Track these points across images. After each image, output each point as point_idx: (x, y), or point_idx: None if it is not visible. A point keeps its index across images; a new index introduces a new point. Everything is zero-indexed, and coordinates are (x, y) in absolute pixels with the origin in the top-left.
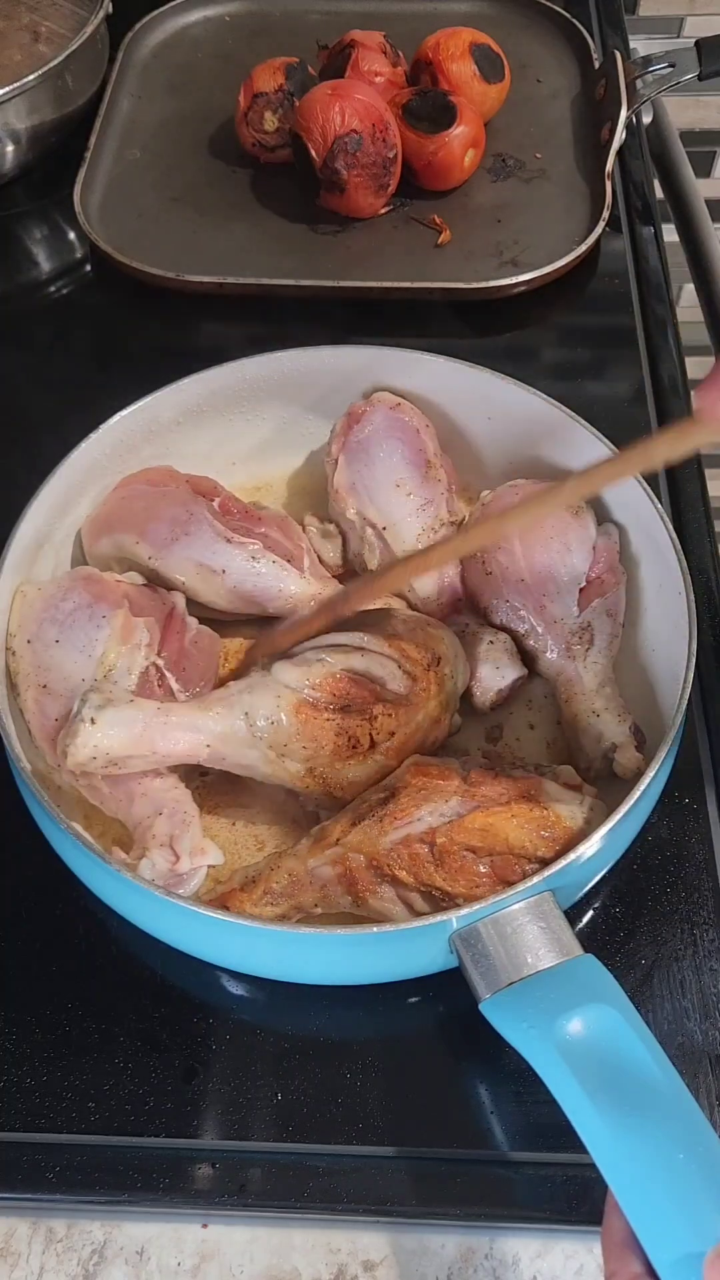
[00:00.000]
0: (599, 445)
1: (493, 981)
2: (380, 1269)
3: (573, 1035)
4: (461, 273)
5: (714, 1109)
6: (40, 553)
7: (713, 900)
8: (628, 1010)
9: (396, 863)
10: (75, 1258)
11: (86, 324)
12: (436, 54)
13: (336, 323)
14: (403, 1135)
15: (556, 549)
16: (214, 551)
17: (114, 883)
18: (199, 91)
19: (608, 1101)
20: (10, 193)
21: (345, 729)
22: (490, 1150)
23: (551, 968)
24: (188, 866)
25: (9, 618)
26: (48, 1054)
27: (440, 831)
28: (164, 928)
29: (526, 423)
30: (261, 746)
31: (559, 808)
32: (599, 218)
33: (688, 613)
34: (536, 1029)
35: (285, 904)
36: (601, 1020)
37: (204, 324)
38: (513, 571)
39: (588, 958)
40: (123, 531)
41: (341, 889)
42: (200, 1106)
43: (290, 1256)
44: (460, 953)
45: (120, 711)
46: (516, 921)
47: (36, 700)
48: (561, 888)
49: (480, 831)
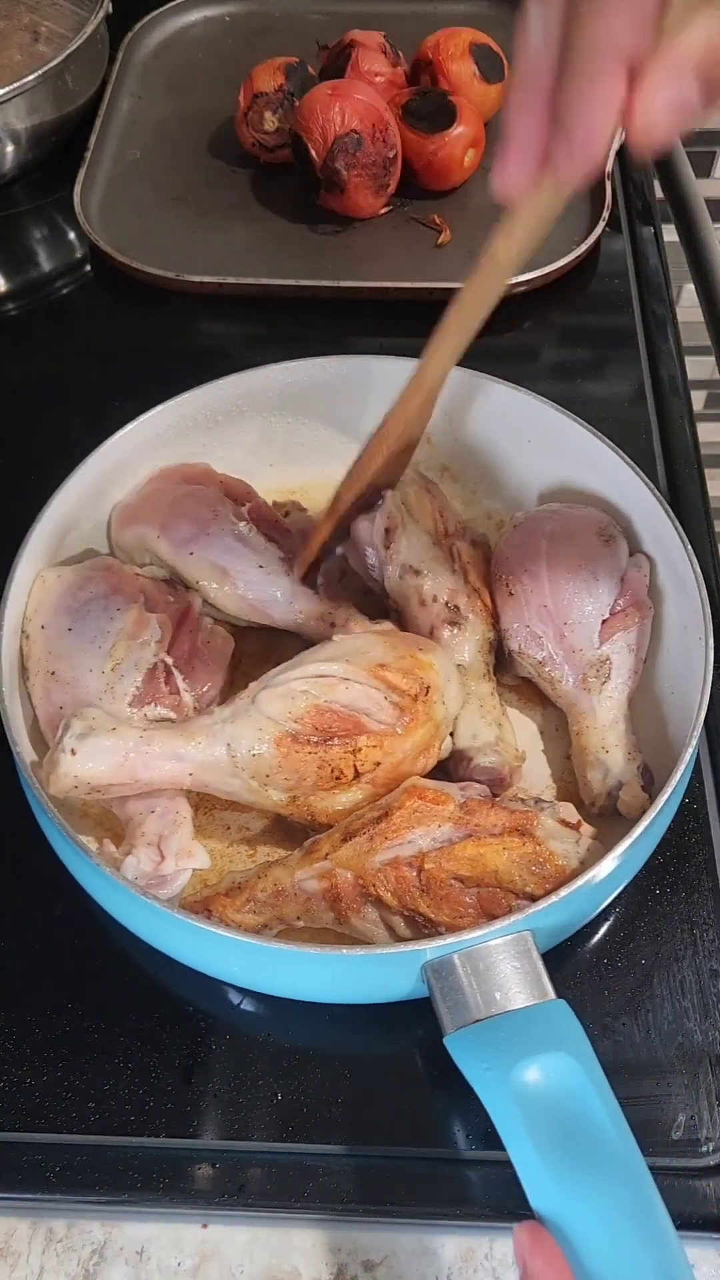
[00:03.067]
0: (629, 471)
1: (459, 1016)
2: (380, 1269)
3: (530, 1082)
4: (461, 273)
5: (714, 1109)
6: (66, 540)
7: (713, 900)
8: (590, 1063)
9: (383, 884)
10: (75, 1258)
11: (86, 324)
12: (436, 54)
13: (336, 323)
14: (403, 1135)
15: (584, 577)
16: (230, 556)
17: (96, 878)
18: (199, 91)
19: (555, 1155)
20: (10, 193)
21: (328, 761)
22: (491, 1151)
23: (520, 1009)
24: (172, 868)
25: (27, 602)
26: (48, 1054)
27: (429, 857)
28: (142, 927)
29: (563, 448)
30: (244, 776)
31: (553, 844)
32: (599, 218)
33: (705, 658)
34: (494, 1071)
35: (268, 914)
36: (562, 1070)
37: (204, 324)
38: (536, 595)
39: (559, 1003)
40: (146, 524)
41: (325, 905)
42: (200, 1106)
43: (290, 1256)
44: (431, 983)
45: (102, 740)
46: (491, 958)
47: (44, 687)
48: (542, 929)
49: (469, 861)
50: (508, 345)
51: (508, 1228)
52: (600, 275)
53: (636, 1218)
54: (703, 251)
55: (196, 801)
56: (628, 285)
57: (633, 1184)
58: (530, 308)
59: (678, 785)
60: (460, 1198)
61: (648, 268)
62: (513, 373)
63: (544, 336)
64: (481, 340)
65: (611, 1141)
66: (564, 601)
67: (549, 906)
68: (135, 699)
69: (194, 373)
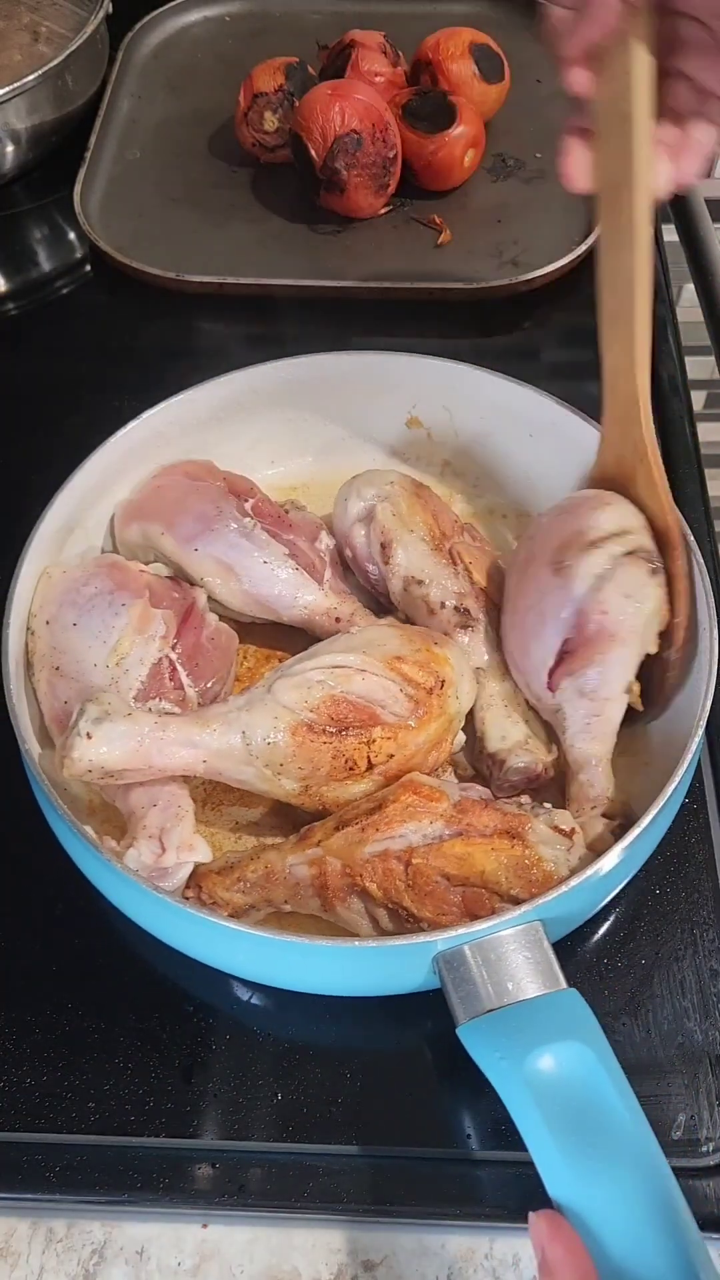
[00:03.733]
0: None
1: (471, 1007)
2: (380, 1269)
3: (544, 1071)
4: (461, 273)
5: (714, 1109)
6: (71, 537)
7: (713, 900)
8: (604, 1051)
9: (370, 875)
10: (75, 1258)
11: (86, 324)
12: (436, 54)
13: (336, 323)
14: (403, 1135)
15: (531, 620)
16: (235, 552)
17: (100, 869)
18: (199, 91)
19: (572, 1143)
20: (10, 193)
21: (342, 751)
22: (492, 1150)
23: (532, 999)
24: (173, 861)
25: (33, 599)
26: (48, 1054)
27: (418, 853)
28: (149, 920)
29: (565, 442)
30: (258, 765)
31: (544, 850)
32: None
33: (711, 658)
34: (509, 1060)
35: (256, 895)
36: (575, 1058)
37: (203, 324)
38: (508, 641)
39: (571, 992)
40: (151, 521)
41: (312, 891)
42: (200, 1106)
43: (290, 1256)
44: (443, 974)
45: (117, 725)
46: (502, 948)
47: (49, 682)
48: (551, 919)
49: (457, 859)
50: (508, 345)
51: (508, 1227)
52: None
53: (654, 1205)
54: (703, 251)
55: (204, 796)
56: None
57: (650, 1171)
58: (530, 308)
59: (683, 778)
60: (460, 1197)
61: None
62: (513, 372)
63: (544, 336)
64: (482, 340)
65: (627, 1129)
66: (518, 649)
67: (559, 896)
68: (139, 694)
69: (194, 373)
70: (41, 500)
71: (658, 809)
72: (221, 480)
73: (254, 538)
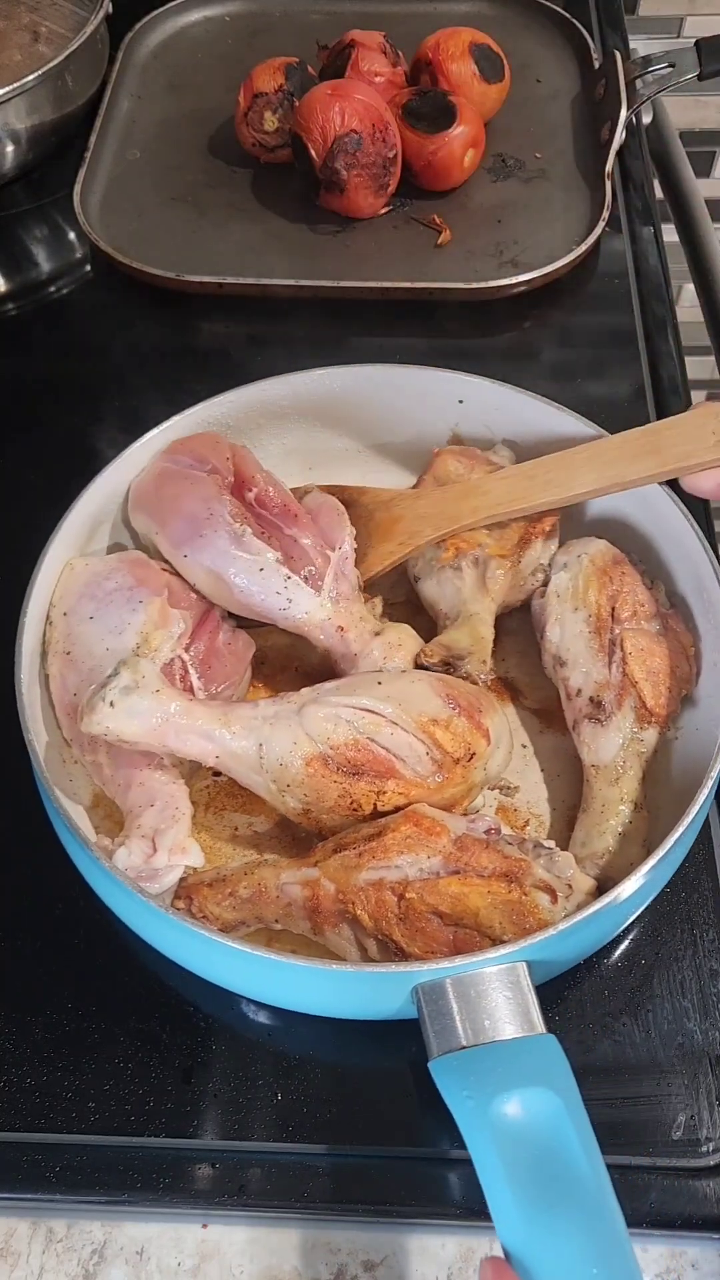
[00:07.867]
0: (671, 504)
1: (445, 1042)
2: (380, 1269)
3: (510, 1115)
4: (461, 273)
5: (714, 1109)
6: (98, 531)
7: (713, 900)
8: (573, 1101)
9: (362, 904)
10: (75, 1258)
11: (86, 324)
12: (436, 54)
13: (336, 323)
14: (404, 1136)
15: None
16: (223, 560)
17: (89, 865)
18: (199, 91)
19: (528, 1192)
20: (10, 193)
21: (350, 793)
22: None
23: (508, 1040)
24: (163, 863)
25: (54, 590)
26: (48, 1054)
27: (412, 887)
28: (131, 919)
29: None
30: (266, 778)
31: (540, 896)
32: (599, 218)
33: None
34: (475, 1100)
35: (246, 911)
36: (543, 1106)
37: (204, 324)
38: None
39: (548, 1038)
40: (148, 516)
41: (304, 914)
42: (200, 1106)
43: (290, 1256)
44: (421, 1005)
45: (143, 700)
46: (483, 985)
47: (60, 669)
48: (537, 962)
49: (451, 898)
50: (508, 345)
51: None
52: (600, 275)
53: (604, 1263)
54: (703, 251)
55: (207, 799)
56: (628, 285)
57: (604, 1228)
58: (530, 308)
59: (687, 829)
60: (460, 1198)
61: (648, 268)
62: (513, 373)
63: (544, 336)
64: (482, 340)
65: (587, 1183)
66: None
67: (545, 940)
68: None
69: (194, 373)
70: (42, 500)
71: (654, 861)
72: (228, 458)
73: (244, 543)
